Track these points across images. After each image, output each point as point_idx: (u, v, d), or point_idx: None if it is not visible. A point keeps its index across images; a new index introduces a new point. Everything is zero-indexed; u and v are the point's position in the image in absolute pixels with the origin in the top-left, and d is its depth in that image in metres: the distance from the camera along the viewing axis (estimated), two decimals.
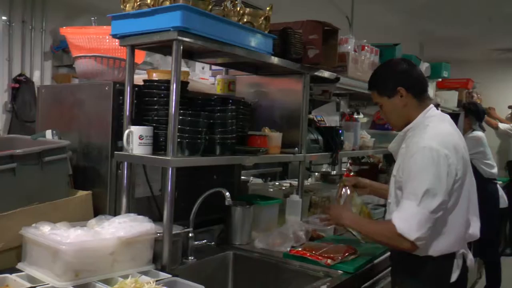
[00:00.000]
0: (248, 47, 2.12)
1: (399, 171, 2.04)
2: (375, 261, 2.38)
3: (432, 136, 1.96)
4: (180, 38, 1.82)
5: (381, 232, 2.06)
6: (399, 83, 2.08)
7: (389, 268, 2.41)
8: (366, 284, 2.31)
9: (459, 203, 1.99)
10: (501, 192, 4.71)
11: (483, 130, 4.83)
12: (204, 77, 3.39)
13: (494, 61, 8.09)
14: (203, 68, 3.52)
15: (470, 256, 2.11)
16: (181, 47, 1.86)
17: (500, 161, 7.08)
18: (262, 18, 2.15)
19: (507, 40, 6.65)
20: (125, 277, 1.69)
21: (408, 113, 2.10)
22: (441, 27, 5.90)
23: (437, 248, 1.98)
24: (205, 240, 2.36)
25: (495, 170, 4.65)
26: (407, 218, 1.89)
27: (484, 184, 4.54)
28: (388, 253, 2.38)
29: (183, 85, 2.15)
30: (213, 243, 2.43)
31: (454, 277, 2.02)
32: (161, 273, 1.82)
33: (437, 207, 1.88)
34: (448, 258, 2.02)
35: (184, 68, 3.19)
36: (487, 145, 4.69)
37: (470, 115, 4.77)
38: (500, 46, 7.12)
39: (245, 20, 2.10)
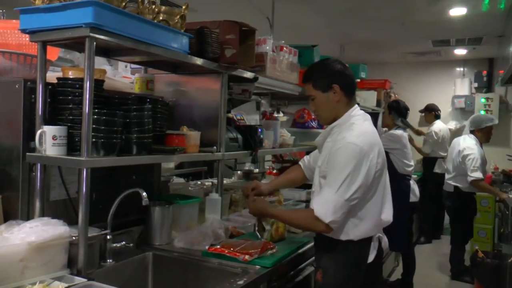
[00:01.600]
0: (163, 45, 2.11)
1: (324, 163, 2.25)
2: (294, 255, 2.45)
3: (357, 134, 2.18)
4: (92, 35, 1.77)
5: (301, 217, 2.30)
6: (335, 80, 2.27)
7: (309, 260, 2.57)
8: (285, 277, 2.37)
9: (377, 193, 2.24)
10: (413, 187, 4.96)
11: (407, 126, 5.05)
12: (127, 75, 3.31)
13: (408, 63, 8.55)
14: (126, 67, 3.43)
15: (385, 239, 2.36)
16: (94, 44, 1.81)
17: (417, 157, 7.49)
18: (178, 17, 2.14)
19: (419, 44, 7.04)
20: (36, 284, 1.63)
21: (338, 109, 2.30)
22: (360, 31, 6.14)
23: (358, 233, 2.20)
24: (123, 242, 2.32)
25: (410, 169, 4.87)
26: (324, 203, 2.11)
27: (398, 179, 4.77)
28: (307, 246, 2.57)
29: (99, 83, 2.10)
30: (131, 244, 2.38)
31: (371, 258, 2.27)
32: (76, 277, 1.77)
33: (352, 196, 2.10)
34: (366, 242, 2.26)
35: (106, 66, 3.10)
36: (406, 144, 4.85)
37: (393, 112, 4.98)
38: (413, 49, 7.54)
39: (160, 18, 2.09)
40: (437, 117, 7.36)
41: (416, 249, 6.45)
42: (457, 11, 5.21)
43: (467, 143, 5.35)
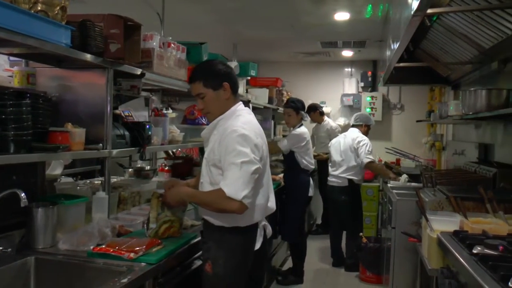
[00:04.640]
0: (42, 37, 2.00)
1: (211, 153, 2.38)
2: (181, 250, 2.45)
3: (244, 122, 2.38)
4: None
5: (214, 199, 2.31)
6: (225, 79, 2.45)
7: (198, 253, 2.60)
8: (172, 272, 2.36)
9: (263, 180, 2.43)
10: (311, 182, 5.17)
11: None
12: (11, 68, 3.08)
13: (300, 63, 8.89)
14: (9, 59, 3.20)
15: (269, 227, 2.56)
16: None
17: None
18: (58, 8, 2.05)
19: (309, 45, 7.34)
20: None
21: (227, 105, 2.47)
22: (251, 30, 6.27)
23: (245, 218, 2.34)
24: (1, 248, 2.17)
25: (312, 166, 5.10)
26: (232, 182, 2.22)
27: (299, 175, 4.98)
28: (195, 241, 2.61)
29: None
30: (9, 249, 2.22)
31: (257, 245, 2.44)
32: None
33: (254, 170, 2.25)
34: (253, 229, 2.42)
35: None
36: (309, 140, 5.06)
37: (301, 111, 5.16)
38: (303, 50, 7.83)
39: (38, 8, 1.97)
40: (322, 113, 7.62)
41: (309, 239, 6.75)
42: (341, 16, 5.52)
43: (357, 134, 5.66)
